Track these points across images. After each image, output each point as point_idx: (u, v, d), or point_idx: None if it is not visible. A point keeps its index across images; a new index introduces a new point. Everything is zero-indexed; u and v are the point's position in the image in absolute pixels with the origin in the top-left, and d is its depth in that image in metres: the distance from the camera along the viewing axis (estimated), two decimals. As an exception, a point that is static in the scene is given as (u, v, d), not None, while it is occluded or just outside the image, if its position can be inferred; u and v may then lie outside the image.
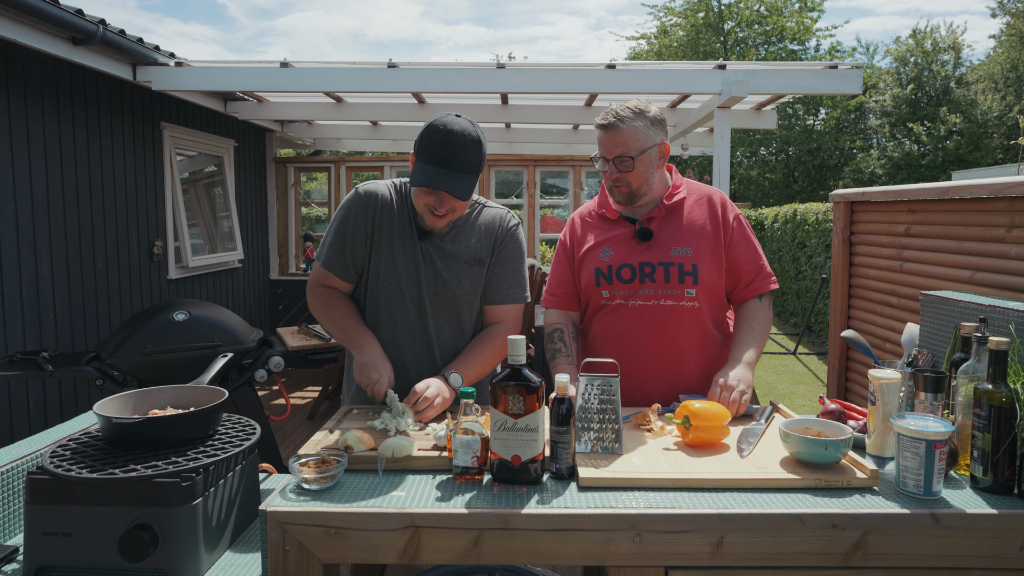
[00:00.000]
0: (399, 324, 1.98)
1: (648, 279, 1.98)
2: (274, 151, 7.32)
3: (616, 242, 2.04)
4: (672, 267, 1.97)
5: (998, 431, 1.35)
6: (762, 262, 2.06)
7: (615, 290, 2.01)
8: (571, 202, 7.61)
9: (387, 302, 1.98)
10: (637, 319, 1.99)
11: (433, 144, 1.77)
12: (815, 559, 1.27)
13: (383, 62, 4.49)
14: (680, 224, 2.02)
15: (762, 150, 24.67)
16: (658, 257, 1.99)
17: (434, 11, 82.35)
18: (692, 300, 1.97)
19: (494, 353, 1.99)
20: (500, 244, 2.01)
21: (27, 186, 3.70)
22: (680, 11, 24.93)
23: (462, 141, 1.77)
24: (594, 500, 1.32)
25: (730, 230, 2.03)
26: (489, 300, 2.03)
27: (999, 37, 24.45)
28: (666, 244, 2.00)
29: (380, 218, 1.94)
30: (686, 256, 1.98)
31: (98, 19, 3.60)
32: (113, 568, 1.35)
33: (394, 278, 1.95)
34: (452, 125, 1.78)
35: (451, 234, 1.97)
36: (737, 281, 2.04)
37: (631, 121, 1.93)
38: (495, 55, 40.18)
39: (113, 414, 1.49)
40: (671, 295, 1.97)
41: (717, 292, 2.02)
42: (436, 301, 1.97)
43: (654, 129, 1.97)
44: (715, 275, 2.00)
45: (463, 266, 1.96)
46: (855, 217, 4.04)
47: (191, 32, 76.01)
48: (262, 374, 2.77)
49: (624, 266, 2.00)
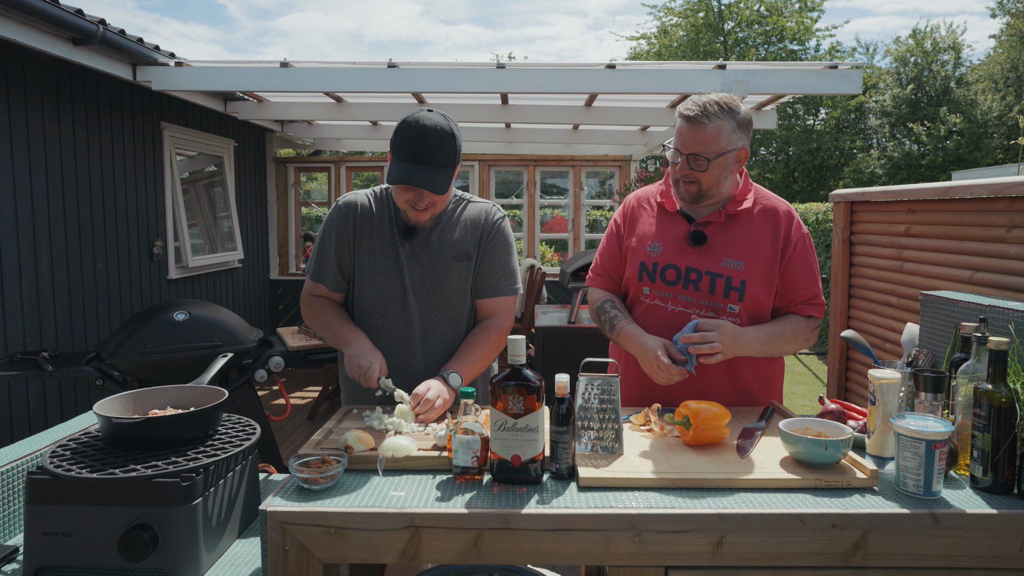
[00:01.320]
0: (385, 329, 2.00)
1: (693, 286, 1.89)
2: (274, 151, 7.32)
3: (668, 239, 1.94)
4: (720, 278, 1.87)
5: (998, 431, 1.35)
6: (817, 290, 1.93)
7: (656, 289, 1.94)
8: (571, 202, 7.62)
9: (372, 308, 2.00)
10: (674, 324, 1.90)
11: (407, 141, 1.79)
12: (815, 559, 1.27)
13: (383, 62, 4.49)
14: (738, 234, 1.90)
15: (762, 150, 24.66)
16: (707, 265, 1.89)
17: (433, 11, 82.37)
18: (735, 316, 1.87)
19: (489, 348, 1.99)
20: (487, 237, 2.01)
21: (27, 186, 3.70)
22: (680, 11, 24.93)
23: (435, 136, 1.78)
24: (594, 500, 1.32)
25: (791, 250, 1.90)
26: (480, 294, 2.03)
27: (999, 37, 24.45)
28: (718, 253, 1.89)
29: (361, 226, 1.98)
30: (736, 270, 1.87)
31: (98, 19, 3.60)
32: (113, 568, 1.35)
33: (377, 284, 1.98)
34: (424, 120, 1.79)
35: (436, 231, 1.98)
36: (787, 302, 1.94)
37: (717, 120, 1.81)
38: (495, 55, 40.18)
39: (113, 414, 1.49)
40: (713, 307, 1.88)
41: (762, 311, 1.91)
42: (426, 301, 1.98)
43: (739, 132, 1.85)
44: (763, 294, 1.89)
45: (450, 262, 1.97)
46: (855, 217, 4.04)
47: (190, 32, 75.97)
48: (262, 374, 2.77)
49: (670, 267, 1.92)
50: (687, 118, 1.84)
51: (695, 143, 1.83)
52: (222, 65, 4.54)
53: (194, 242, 5.51)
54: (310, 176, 9.59)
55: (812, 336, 1.96)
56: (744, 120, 1.86)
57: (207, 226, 5.86)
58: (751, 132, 1.89)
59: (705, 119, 1.81)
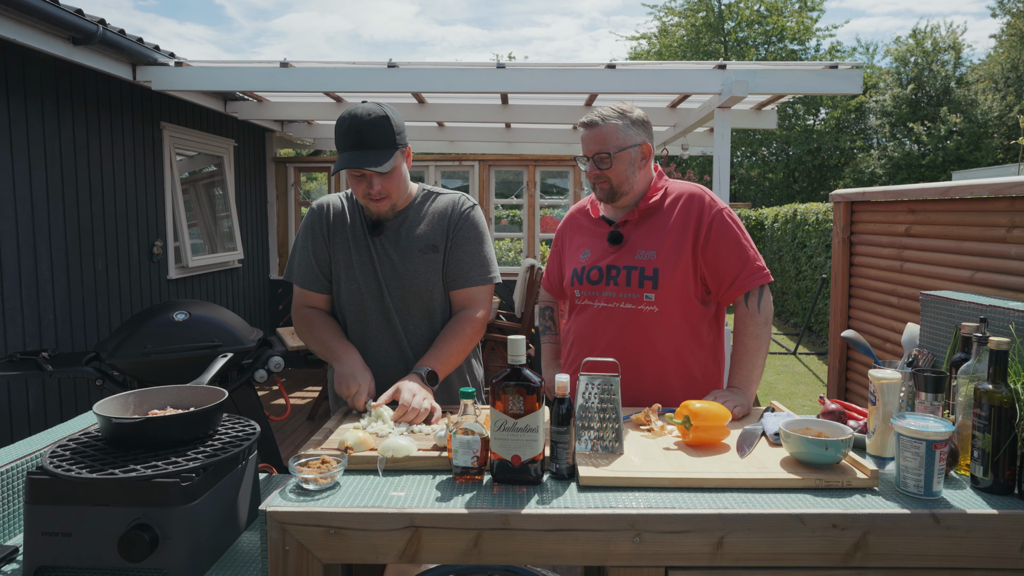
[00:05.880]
0: (366, 323, 2.02)
1: (613, 282, 1.99)
2: (274, 151, 7.32)
3: (594, 244, 2.08)
4: (635, 271, 1.97)
5: (998, 431, 1.35)
6: (747, 256, 1.96)
7: (584, 290, 2.05)
8: (571, 202, 7.61)
9: (351, 305, 2.03)
10: (600, 321, 2.01)
11: (343, 132, 1.87)
12: (815, 559, 1.27)
13: (383, 62, 4.49)
14: (651, 227, 2.00)
15: (763, 150, 24.67)
16: (624, 261, 1.99)
17: (429, 12, 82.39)
18: (651, 305, 1.95)
19: (464, 340, 1.99)
20: (455, 227, 2.03)
21: (27, 186, 3.70)
22: (680, 11, 24.94)
23: (368, 121, 1.86)
24: (594, 500, 1.32)
25: (705, 229, 1.95)
26: (451, 285, 2.04)
27: (999, 37, 24.45)
28: (634, 248, 1.99)
29: (334, 226, 2.04)
30: (649, 260, 1.96)
31: (98, 19, 3.60)
32: (113, 568, 1.35)
33: (353, 279, 2.01)
34: (356, 110, 1.88)
35: (404, 225, 2.01)
36: (720, 281, 1.97)
37: (611, 120, 1.96)
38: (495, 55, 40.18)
39: (113, 414, 1.49)
40: (630, 299, 1.97)
41: (684, 298, 1.96)
42: (399, 295, 2.00)
43: (635, 129, 1.98)
44: (681, 279, 1.94)
45: (417, 254, 2.00)
46: (855, 217, 4.04)
47: (186, 32, 76.04)
48: (262, 374, 2.76)
49: (594, 268, 2.04)
50: (584, 125, 2.00)
51: (595, 143, 1.98)
52: (222, 65, 4.54)
53: (194, 242, 5.51)
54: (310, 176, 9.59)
55: (764, 311, 1.96)
56: (639, 119, 2.00)
57: (207, 226, 5.86)
58: (650, 130, 2.04)
59: (599, 120, 1.97)
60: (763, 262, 1.99)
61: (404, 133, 1.94)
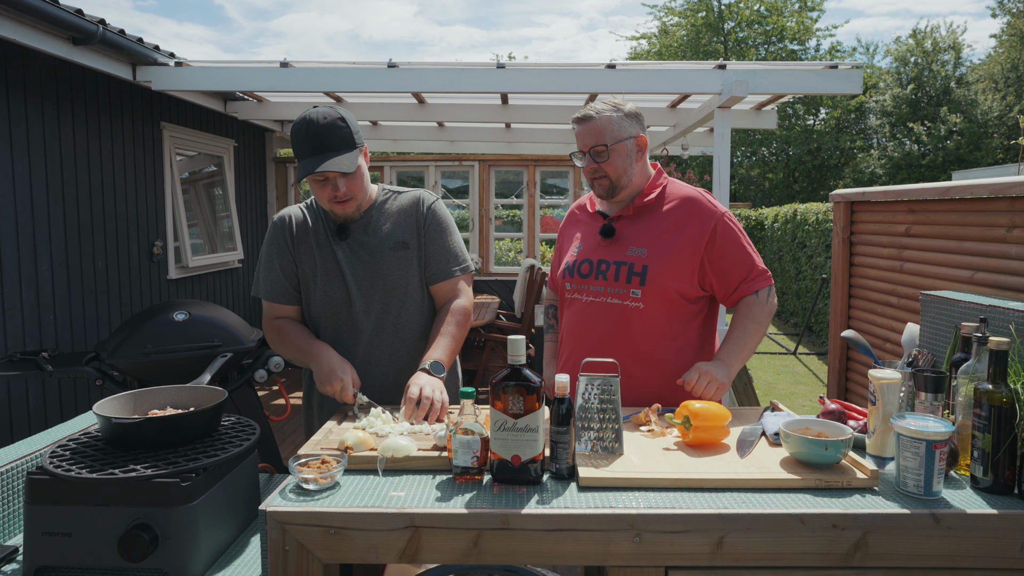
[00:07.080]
0: (339, 330, 2.02)
1: (602, 276, 1.99)
2: (274, 151, 7.32)
3: (587, 238, 2.08)
4: (624, 266, 1.96)
5: (998, 431, 1.35)
6: (752, 263, 1.98)
7: (575, 283, 2.05)
8: (571, 202, 7.61)
9: (320, 312, 2.02)
10: (587, 314, 2.01)
11: (300, 139, 1.86)
12: (815, 559, 1.27)
13: (383, 62, 4.49)
14: (646, 225, 1.99)
15: (763, 150, 24.67)
16: (615, 256, 1.99)
17: (428, 12, 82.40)
18: (637, 301, 1.94)
19: (460, 329, 2.02)
20: (424, 223, 2.04)
21: (27, 186, 3.70)
22: (680, 11, 24.94)
23: (326, 124, 1.85)
24: (594, 500, 1.32)
25: (707, 235, 1.94)
26: (433, 279, 2.05)
27: (999, 37, 24.45)
28: (625, 243, 1.99)
29: (298, 236, 2.03)
30: (640, 257, 1.95)
31: (98, 19, 3.60)
32: (113, 568, 1.35)
33: (320, 287, 2.00)
34: (311, 115, 1.87)
35: (370, 226, 2.01)
36: (726, 286, 1.98)
37: (605, 113, 1.96)
38: (495, 55, 40.18)
39: (113, 414, 1.49)
40: (617, 294, 1.96)
41: (671, 297, 1.95)
42: (371, 295, 2.00)
43: (629, 121, 1.98)
44: (668, 279, 1.93)
45: (388, 252, 2.00)
46: (855, 217, 4.04)
47: (185, 32, 76.05)
48: (262, 374, 2.77)
49: (585, 261, 2.04)
50: (578, 120, 2.00)
51: (591, 137, 1.97)
52: (222, 65, 4.54)
53: (194, 242, 5.51)
54: (310, 176, 9.58)
55: (771, 304, 2.00)
56: (631, 112, 2.00)
57: (207, 226, 5.86)
58: (643, 123, 2.03)
59: (594, 114, 1.97)
60: (763, 263, 2.02)
61: (360, 132, 1.94)
